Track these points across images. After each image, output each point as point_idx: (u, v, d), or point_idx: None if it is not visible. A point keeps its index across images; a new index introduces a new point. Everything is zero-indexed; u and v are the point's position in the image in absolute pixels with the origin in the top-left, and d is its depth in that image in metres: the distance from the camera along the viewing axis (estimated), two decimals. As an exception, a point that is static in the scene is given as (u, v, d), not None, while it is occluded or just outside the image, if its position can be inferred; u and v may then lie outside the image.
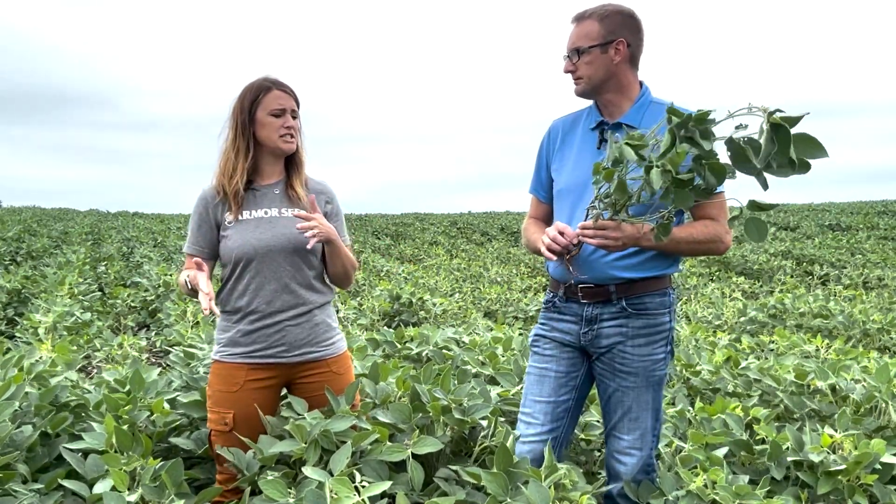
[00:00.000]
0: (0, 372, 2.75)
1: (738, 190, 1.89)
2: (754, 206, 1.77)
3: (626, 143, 1.80)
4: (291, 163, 2.41)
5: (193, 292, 2.24)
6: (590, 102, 2.30)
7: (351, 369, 2.52)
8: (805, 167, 1.66)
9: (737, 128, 1.67)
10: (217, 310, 2.19)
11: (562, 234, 2.06)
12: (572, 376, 2.30)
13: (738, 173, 1.76)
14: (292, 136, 2.33)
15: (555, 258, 2.10)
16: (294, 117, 2.35)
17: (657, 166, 1.74)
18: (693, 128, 1.71)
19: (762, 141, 1.62)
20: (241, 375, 2.31)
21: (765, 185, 1.73)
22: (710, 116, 1.70)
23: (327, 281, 2.44)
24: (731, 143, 1.69)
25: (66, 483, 2.05)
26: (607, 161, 1.89)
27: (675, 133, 1.73)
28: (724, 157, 1.76)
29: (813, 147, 1.64)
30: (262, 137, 2.32)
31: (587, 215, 2.00)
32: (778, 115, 1.60)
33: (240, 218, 2.32)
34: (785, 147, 1.61)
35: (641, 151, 1.80)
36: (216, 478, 2.37)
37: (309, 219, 2.22)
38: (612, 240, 1.96)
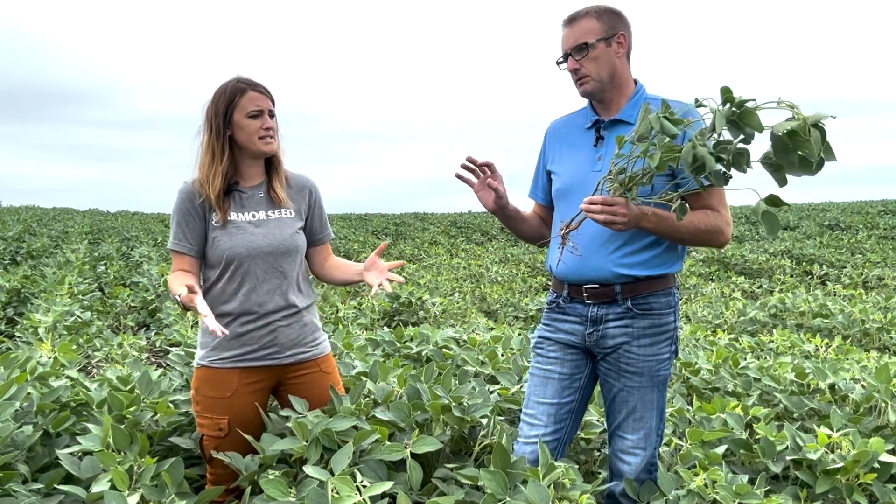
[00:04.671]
0: (3, 372, 2.75)
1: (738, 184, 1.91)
2: (772, 201, 1.78)
3: (664, 116, 1.81)
4: (270, 164, 2.39)
5: (185, 307, 2.12)
6: (585, 102, 2.31)
7: (336, 369, 2.56)
8: (819, 167, 1.68)
9: (788, 120, 1.67)
10: (225, 330, 2.07)
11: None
12: (576, 378, 2.30)
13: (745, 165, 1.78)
14: (272, 137, 2.30)
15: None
16: (271, 117, 2.31)
17: (702, 145, 1.75)
18: (739, 112, 1.72)
19: (812, 141, 1.63)
20: (234, 380, 2.29)
21: (782, 182, 1.74)
22: (749, 104, 1.72)
23: (311, 283, 2.47)
24: (777, 137, 1.69)
25: (63, 487, 2.05)
26: (633, 135, 1.89)
27: (721, 114, 1.74)
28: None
29: (826, 150, 1.67)
30: (241, 140, 2.28)
31: (596, 190, 1.99)
32: (806, 115, 1.63)
33: (228, 220, 2.29)
34: (822, 147, 1.64)
35: (679, 126, 1.81)
36: (207, 478, 2.37)
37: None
38: (620, 216, 1.94)
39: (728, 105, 1.73)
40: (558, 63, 2.24)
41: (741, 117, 1.72)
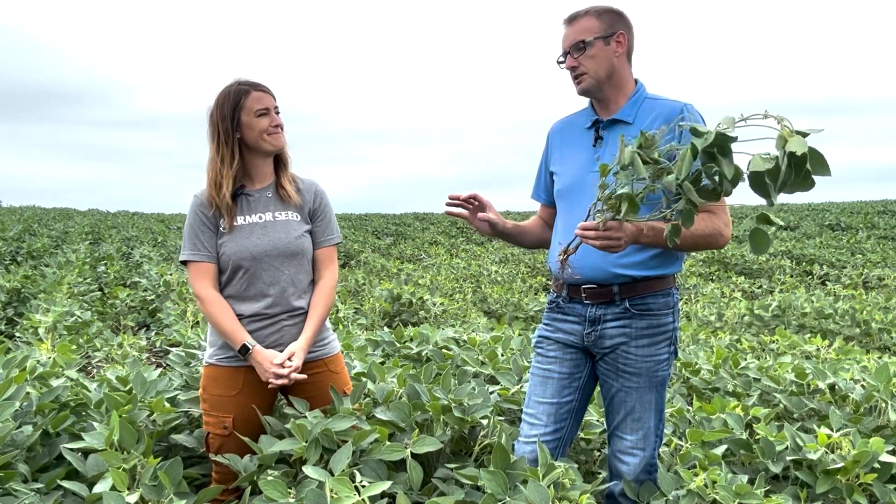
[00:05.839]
0: (2, 372, 2.75)
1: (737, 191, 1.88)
2: (763, 220, 1.76)
3: (637, 151, 1.78)
4: (278, 162, 2.41)
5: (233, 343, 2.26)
6: (586, 103, 2.32)
7: (345, 369, 2.55)
8: (810, 185, 1.65)
9: (764, 160, 1.64)
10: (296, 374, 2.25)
11: None
12: (576, 377, 2.30)
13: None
14: (280, 133, 2.34)
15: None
16: (277, 114, 2.35)
17: (678, 182, 1.73)
18: (715, 147, 1.69)
19: (782, 168, 1.60)
20: (240, 378, 2.31)
21: (771, 204, 1.72)
22: (732, 134, 1.68)
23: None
24: (752, 175, 1.67)
25: (65, 483, 2.05)
26: (616, 164, 1.87)
27: (695, 150, 1.71)
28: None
29: (819, 164, 1.63)
30: (250, 140, 2.31)
31: (588, 216, 1.99)
32: (790, 129, 1.59)
33: (235, 224, 2.32)
34: (800, 172, 1.61)
35: (654, 156, 1.78)
36: (213, 476, 2.38)
37: (285, 375, 2.23)
38: (615, 240, 1.95)
39: (702, 140, 1.69)
40: (558, 62, 2.25)
41: (719, 153, 1.68)
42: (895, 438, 2.89)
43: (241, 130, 2.31)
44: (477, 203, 2.32)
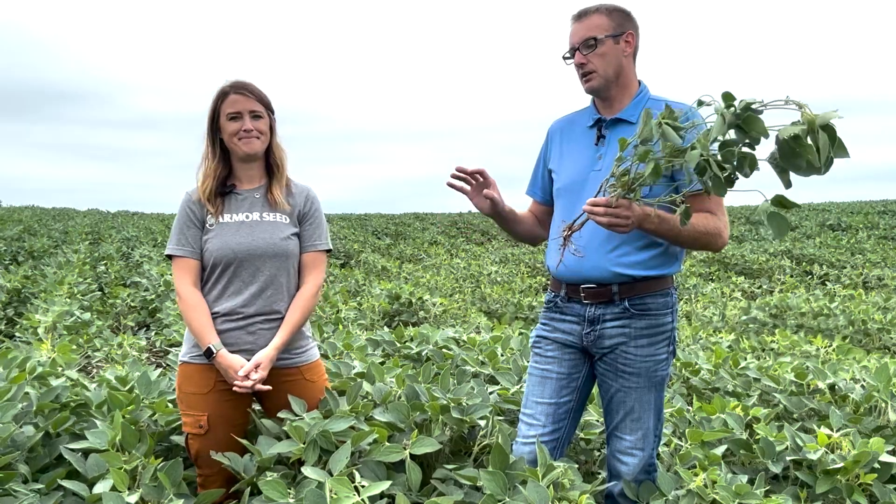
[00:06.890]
0: (2, 372, 2.75)
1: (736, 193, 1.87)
2: (779, 202, 1.75)
3: (665, 123, 1.78)
4: (270, 167, 2.40)
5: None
6: (588, 102, 2.32)
7: (324, 378, 2.51)
8: (828, 166, 1.65)
9: (793, 124, 1.64)
10: (256, 379, 2.22)
11: None
12: (574, 378, 2.30)
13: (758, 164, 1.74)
14: (255, 138, 2.30)
15: None
16: (257, 118, 2.31)
17: (703, 154, 1.72)
18: (743, 116, 1.68)
19: (820, 143, 1.59)
20: (212, 377, 2.29)
21: (788, 184, 1.71)
22: (755, 106, 1.67)
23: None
24: (783, 142, 1.66)
25: (66, 483, 2.05)
26: (637, 137, 1.86)
27: (724, 117, 1.71)
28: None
29: (839, 147, 1.62)
30: (225, 142, 2.34)
31: (599, 191, 1.96)
32: (814, 114, 1.58)
33: (220, 220, 2.32)
34: (834, 144, 1.60)
35: (680, 133, 1.78)
36: (197, 481, 2.36)
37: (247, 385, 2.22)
38: (623, 219, 1.92)
39: (731, 109, 1.69)
40: (565, 58, 2.24)
41: (745, 122, 1.68)
42: (895, 438, 2.89)
43: (221, 132, 2.33)
44: (482, 179, 2.29)
